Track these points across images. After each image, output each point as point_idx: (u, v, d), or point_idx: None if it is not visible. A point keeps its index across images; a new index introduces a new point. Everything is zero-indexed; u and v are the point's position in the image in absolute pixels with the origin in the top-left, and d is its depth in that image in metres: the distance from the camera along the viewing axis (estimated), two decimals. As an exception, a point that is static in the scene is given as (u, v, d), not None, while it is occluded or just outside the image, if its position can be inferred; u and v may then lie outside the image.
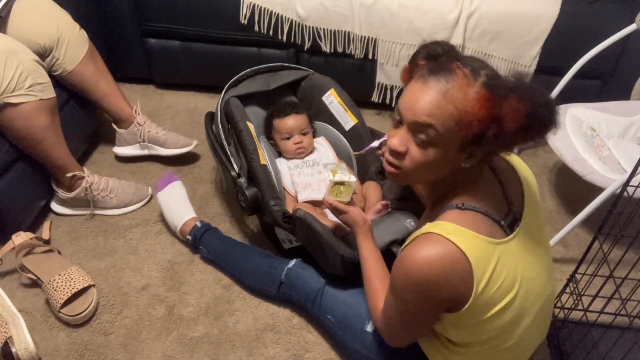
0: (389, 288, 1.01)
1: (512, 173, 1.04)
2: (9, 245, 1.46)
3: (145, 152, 1.89)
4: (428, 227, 0.91)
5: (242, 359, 1.37)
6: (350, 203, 1.23)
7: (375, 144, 1.29)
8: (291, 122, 1.61)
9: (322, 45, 2.01)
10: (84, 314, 1.40)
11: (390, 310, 1.03)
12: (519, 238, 0.95)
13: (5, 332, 1.30)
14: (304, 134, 1.62)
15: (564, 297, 1.42)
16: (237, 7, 1.97)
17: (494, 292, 0.90)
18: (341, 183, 1.25)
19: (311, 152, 1.64)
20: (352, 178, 1.26)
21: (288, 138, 1.61)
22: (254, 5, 1.95)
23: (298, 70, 1.75)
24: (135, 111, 1.83)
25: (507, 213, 0.97)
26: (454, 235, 0.87)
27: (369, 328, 1.23)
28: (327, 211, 1.53)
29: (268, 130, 1.68)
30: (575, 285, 1.38)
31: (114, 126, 1.85)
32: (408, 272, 0.89)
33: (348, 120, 1.66)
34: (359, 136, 1.64)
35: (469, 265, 0.87)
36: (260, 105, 1.74)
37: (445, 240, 0.87)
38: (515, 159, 1.07)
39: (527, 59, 1.97)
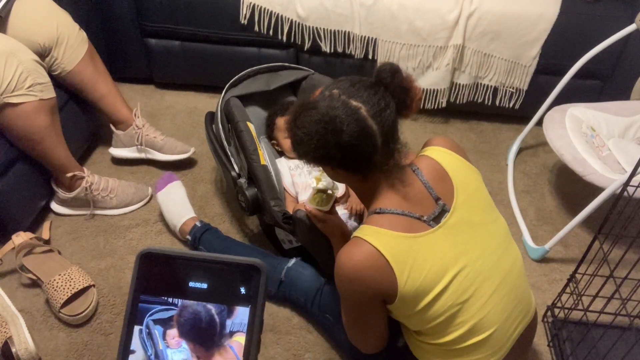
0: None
1: (438, 170, 1.07)
2: (9, 245, 1.46)
3: (142, 155, 1.88)
4: (355, 232, 1.03)
5: (242, 359, 1.37)
6: (331, 211, 1.22)
7: None
8: None
9: (322, 45, 2.01)
10: (84, 314, 1.40)
11: (343, 313, 1.14)
12: (447, 228, 1.02)
13: (5, 332, 1.30)
14: None
15: (564, 297, 1.42)
16: (237, 7, 1.97)
17: (422, 281, 0.98)
18: (324, 191, 1.24)
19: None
20: (335, 187, 1.26)
21: None
22: (254, 5, 1.95)
23: (298, 70, 1.75)
24: (135, 114, 1.83)
25: (432, 208, 1.02)
26: (370, 236, 0.98)
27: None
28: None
29: (270, 130, 1.68)
30: (575, 285, 1.38)
31: (112, 127, 1.85)
32: (339, 271, 1.01)
33: (348, 120, 1.66)
34: (359, 136, 1.64)
35: (386, 261, 0.96)
36: (261, 105, 1.74)
37: (363, 241, 0.98)
38: (440, 155, 1.09)
39: (527, 59, 1.97)
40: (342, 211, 1.52)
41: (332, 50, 2.02)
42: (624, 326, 1.24)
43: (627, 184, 1.17)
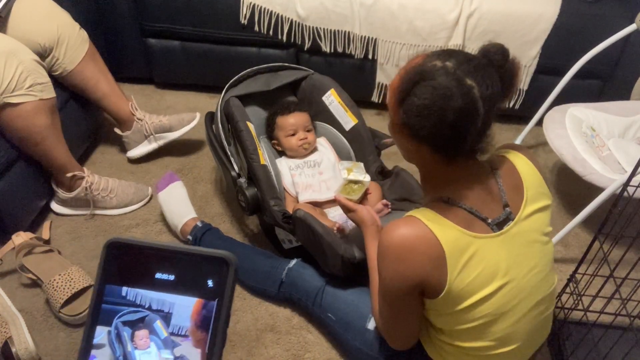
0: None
1: (515, 177, 1.04)
2: (9, 245, 1.46)
3: (155, 144, 1.88)
4: (413, 211, 0.97)
5: (242, 359, 1.37)
6: (363, 202, 1.23)
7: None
8: (296, 118, 1.61)
9: (322, 45, 2.01)
10: (84, 314, 1.40)
11: (380, 300, 1.08)
12: (507, 237, 0.98)
13: (5, 332, 1.30)
14: (308, 131, 1.62)
15: (564, 297, 1.42)
16: (237, 7, 1.97)
17: (469, 282, 0.94)
18: (355, 182, 1.25)
19: (312, 152, 1.64)
20: (367, 177, 1.27)
21: (293, 134, 1.60)
22: (254, 5, 1.95)
23: (298, 70, 1.75)
24: (133, 107, 1.82)
25: (499, 213, 1.00)
26: (432, 222, 0.93)
27: (370, 326, 1.23)
28: (327, 211, 1.53)
29: (270, 130, 1.68)
30: (575, 285, 1.38)
31: (118, 131, 1.85)
32: (385, 245, 0.95)
33: (348, 120, 1.66)
34: (359, 136, 1.64)
35: (442, 252, 0.92)
36: (261, 105, 1.74)
37: (423, 225, 0.92)
38: (522, 164, 1.06)
39: (527, 59, 1.97)
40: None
41: (332, 50, 2.02)
42: (624, 326, 1.24)
43: (627, 184, 1.17)
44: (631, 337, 1.13)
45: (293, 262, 1.45)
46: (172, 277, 0.48)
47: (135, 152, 1.90)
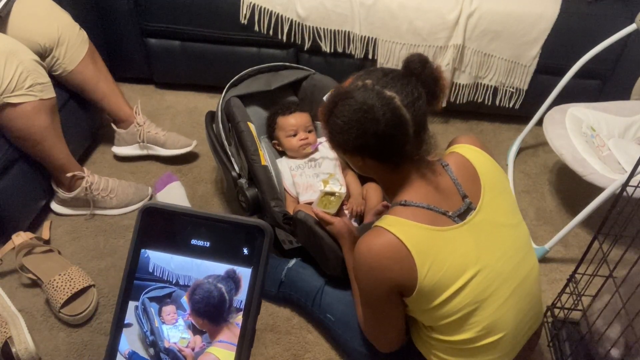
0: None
1: (468, 167, 1.08)
2: (9, 245, 1.46)
3: (144, 152, 1.89)
4: (377, 221, 1.03)
5: (242, 359, 1.37)
6: (339, 214, 1.24)
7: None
8: (296, 118, 1.60)
9: (322, 45, 2.01)
10: (84, 314, 1.41)
11: (361, 306, 1.14)
12: (472, 226, 1.01)
13: (5, 332, 1.30)
14: (309, 131, 1.62)
15: (564, 297, 1.42)
16: (237, 7, 1.97)
17: (441, 275, 0.97)
18: (331, 194, 1.26)
19: (313, 152, 1.64)
20: (342, 189, 1.29)
21: (294, 135, 1.60)
22: (254, 5, 1.95)
23: (299, 70, 1.75)
24: (136, 111, 1.83)
25: (459, 205, 1.03)
26: (393, 226, 0.98)
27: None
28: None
29: (270, 130, 1.68)
30: (575, 285, 1.38)
31: (113, 126, 1.86)
32: (357, 260, 1.02)
33: (348, 120, 1.65)
34: (359, 136, 1.64)
35: (407, 252, 0.96)
36: (261, 105, 1.74)
37: (385, 231, 0.98)
38: (472, 153, 1.09)
39: (527, 59, 1.97)
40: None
41: (332, 50, 2.02)
42: (623, 326, 1.24)
43: (626, 184, 1.17)
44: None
45: (292, 262, 1.45)
46: (207, 244, 0.49)
47: (121, 150, 1.90)
